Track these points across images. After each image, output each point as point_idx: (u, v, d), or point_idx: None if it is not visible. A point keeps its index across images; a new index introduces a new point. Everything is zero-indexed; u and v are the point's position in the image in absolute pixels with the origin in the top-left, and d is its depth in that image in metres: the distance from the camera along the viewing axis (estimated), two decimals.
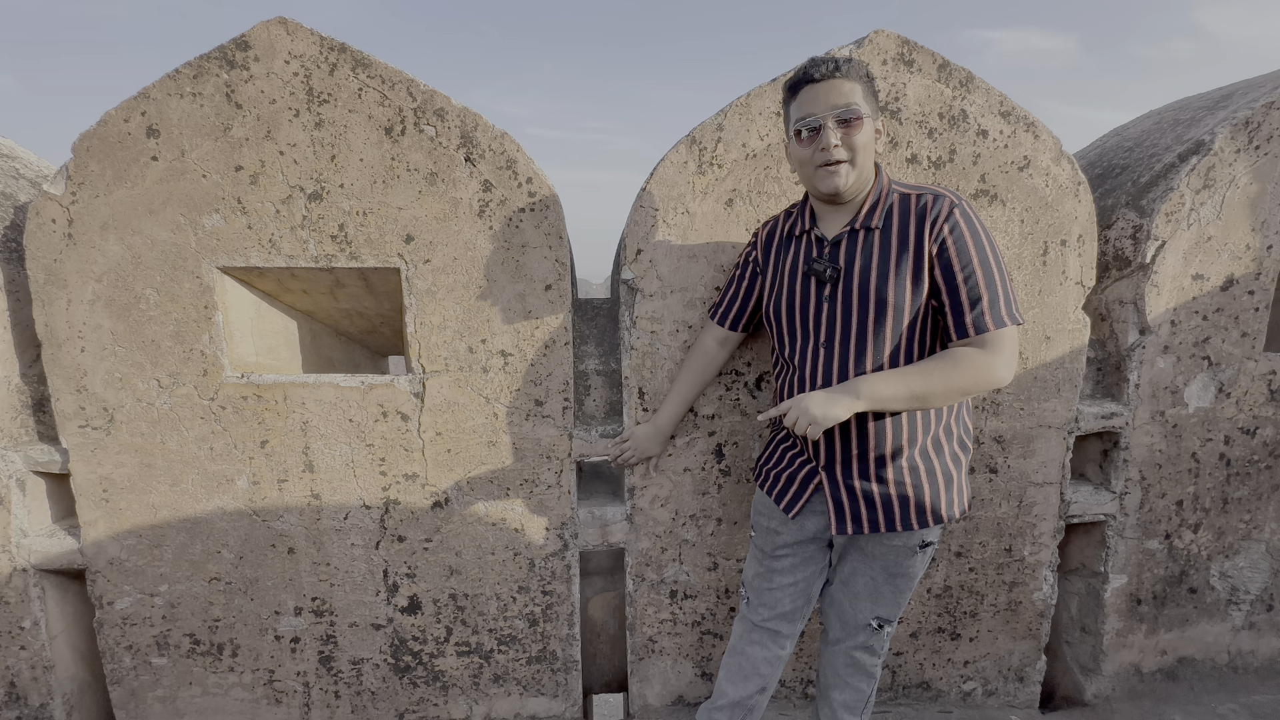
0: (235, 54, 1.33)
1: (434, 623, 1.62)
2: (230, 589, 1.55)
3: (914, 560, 1.22)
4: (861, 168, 1.11)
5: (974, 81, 1.45)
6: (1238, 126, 1.52)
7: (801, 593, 1.33)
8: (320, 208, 1.39)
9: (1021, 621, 1.74)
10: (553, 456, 1.55)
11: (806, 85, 1.09)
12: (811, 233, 1.20)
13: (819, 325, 1.17)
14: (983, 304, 1.06)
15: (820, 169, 1.11)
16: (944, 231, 1.07)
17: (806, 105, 1.09)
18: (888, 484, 1.16)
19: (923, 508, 1.17)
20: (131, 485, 1.47)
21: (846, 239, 1.15)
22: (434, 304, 1.45)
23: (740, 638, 1.39)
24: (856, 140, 1.08)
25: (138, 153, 1.34)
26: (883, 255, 1.11)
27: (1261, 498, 1.75)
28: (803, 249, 1.21)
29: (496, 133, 1.40)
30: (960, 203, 1.09)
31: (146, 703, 1.59)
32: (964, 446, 1.22)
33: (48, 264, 1.37)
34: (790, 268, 1.22)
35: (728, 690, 1.40)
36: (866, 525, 1.19)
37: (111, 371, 1.42)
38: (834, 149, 1.08)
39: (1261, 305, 1.62)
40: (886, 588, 1.25)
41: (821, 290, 1.17)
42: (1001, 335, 1.07)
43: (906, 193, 1.14)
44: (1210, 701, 1.77)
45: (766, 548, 1.33)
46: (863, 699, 1.38)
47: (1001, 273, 1.08)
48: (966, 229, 1.08)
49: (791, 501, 1.26)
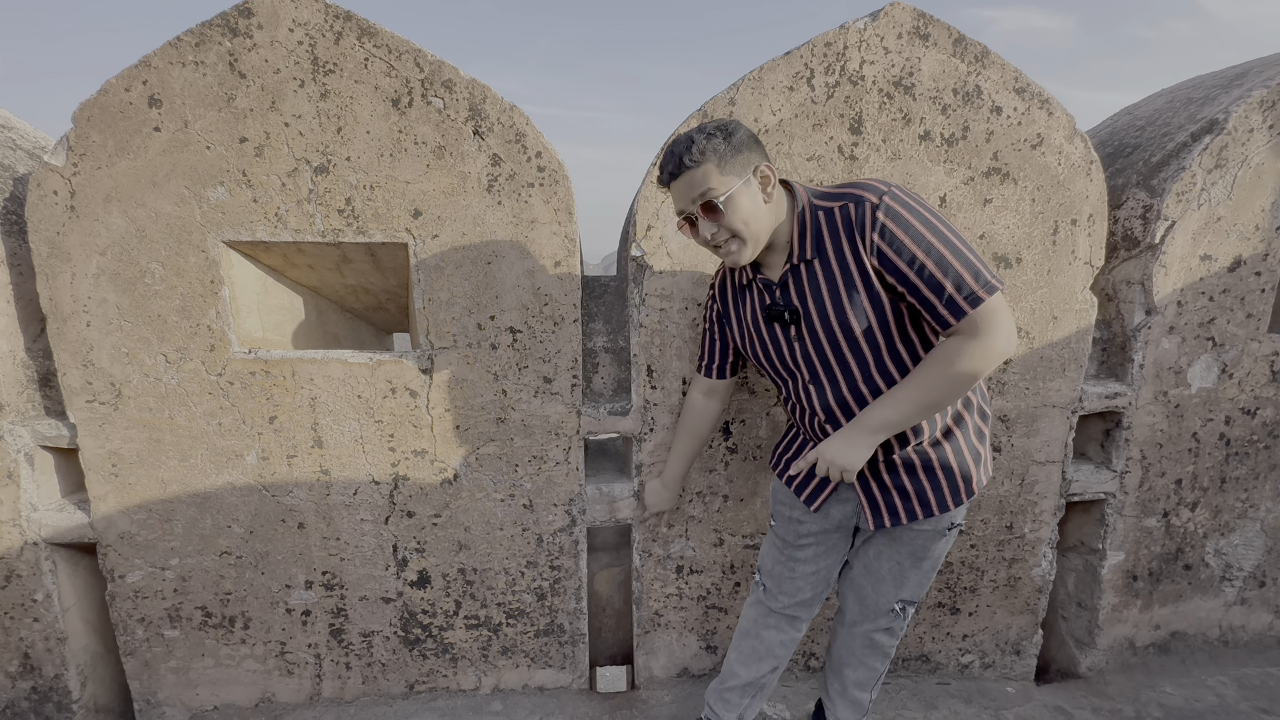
0: (238, 21, 1.30)
1: (443, 596, 1.64)
2: (241, 563, 1.56)
3: (942, 543, 1.22)
4: (755, 234, 1.06)
5: (989, 57, 1.43)
6: (1253, 105, 1.51)
7: (823, 580, 1.34)
8: (327, 181, 1.37)
9: (1020, 597, 1.77)
10: (561, 433, 1.55)
11: (669, 182, 1.07)
12: (756, 280, 1.18)
13: (798, 365, 1.17)
14: (947, 290, 0.98)
15: (717, 249, 1.10)
16: (875, 240, 1.00)
17: (675, 199, 1.09)
18: (916, 470, 1.15)
19: (955, 488, 1.16)
20: (140, 460, 1.47)
21: (791, 277, 1.12)
22: (442, 280, 1.44)
23: (755, 622, 1.40)
24: (730, 221, 1.04)
25: (140, 123, 1.32)
26: (829, 284, 1.07)
27: (1259, 477, 1.77)
28: (755, 296, 1.20)
29: (505, 105, 1.38)
30: (881, 199, 1.00)
31: (160, 674, 1.62)
32: (984, 415, 1.20)
33: (50, 237, 1.35)
34: (752, 316, 1.21)
35: (740, 671, 1.41)
36: (904, 515, 1.18)
37: (118, 346, 1.41)
38: (715, 236, 1.07)
39: (1268, 286, 1.63)
40: (913, 571, 1.25)
41: (788, 331, 1.15)
42: (984, 312, 0.97)
43: (829, 206, 1.06)
44: (1200, 674, 1.82)
45: (789, 537, 1.32)
46: (875, 676, 1.40)
47: (955, 248, 0.98)
48: (896, 225, 0.99)
49: (814, 494, 1.25)
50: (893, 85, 1.43)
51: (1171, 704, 1.70)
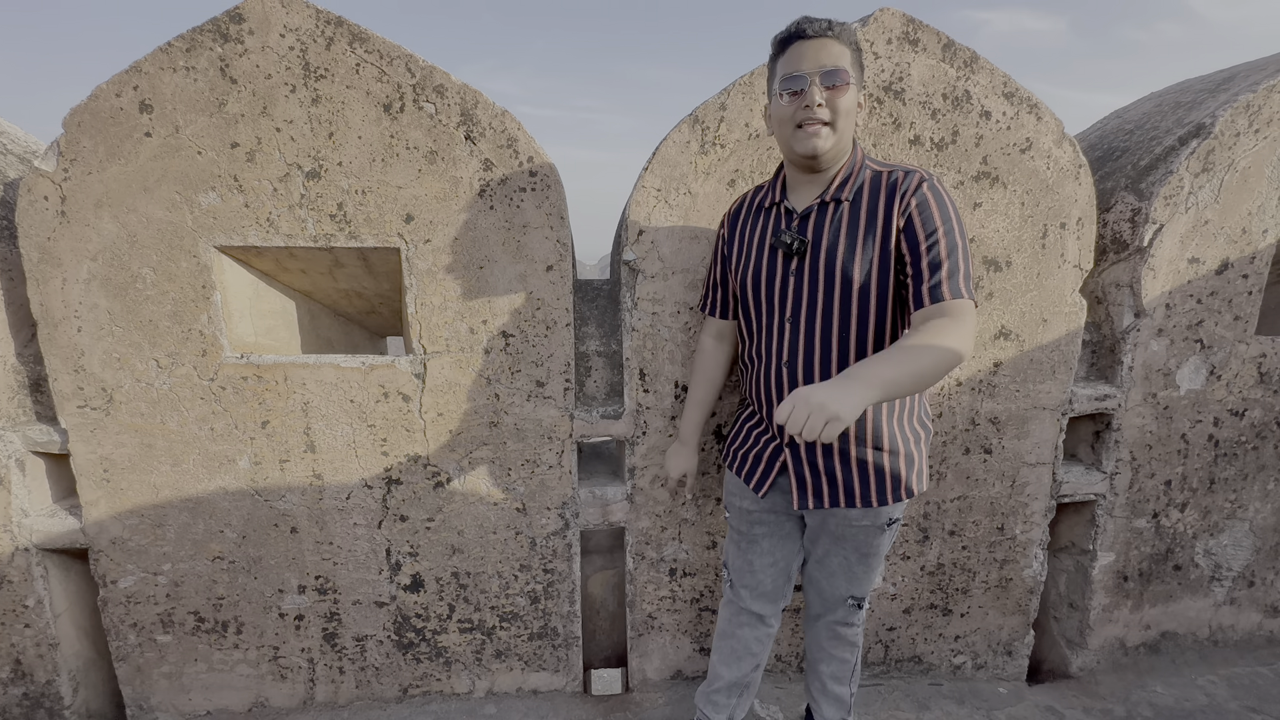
0: (229, 27, 1.30)
1: (437, 600, 1.64)
2: (234, 568, 1.56)
3: (882, 538, 1.25)
4: (841, 134, 1.07)
5: (978, 62, 1.44)
6: (1238, 110, 1.53)
7: (781, 571, 1.35)
8: (319, 186, 1.37)
9: (1011, 598, 1.78)
10: (554, 437, 1.56)
11: (797, 41, 1.06)
12: (782, 205, 1.18)
13: (784, 300, 1.16)
14: (943, 271, 1.02)
15: (799, 129, 1.07)
16: (911, 204, 1.05)
17: (794, 62, 1.06)
18: (850, 461, 1.17)
19: (883, 487, 1.18)
20: (132, 465, 1.47)
21: (816, 211, 1.13)
22: (435, 284, 1.44)
23: (728, 621, 1.42)
24: (840, 104, 1.05)
25: (131, 128, 1.32)
26: (850, 231, 1.10)
27: (1247, 478, 1.79)
28: (771, 221, 1.19)
29: (497, 110, 1.38)
30: (930, 178, 1.07)
31: (152, 679, 1.61)
32: (923, 424, 1.23)
33: (41, 242, 1.35)
34: (759, 240, 1.20)
35: (723, 673, 1.43)
36: (827, 499, 1.20)
37: (109, 351, 1.41)
38: (817, 109, 1.04)
39: (1255, 289, 1.64)
40: (860, 567, 1.28)
41: (788, 264, 1.15)
42: (963, 306, 1.01)
43: (879, 170, 1.12)
44: (1191, 674, 1.83)
45: (743, 528, 1.34)
46: (849, 669, 1.42)
47: (964, 249, 1.04)
48: (934, 200, 1.05)
49: (760, 480, 1.27)
50: (883, 90, 1.43)
51: (1162, 703, 1.71)
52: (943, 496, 1.68)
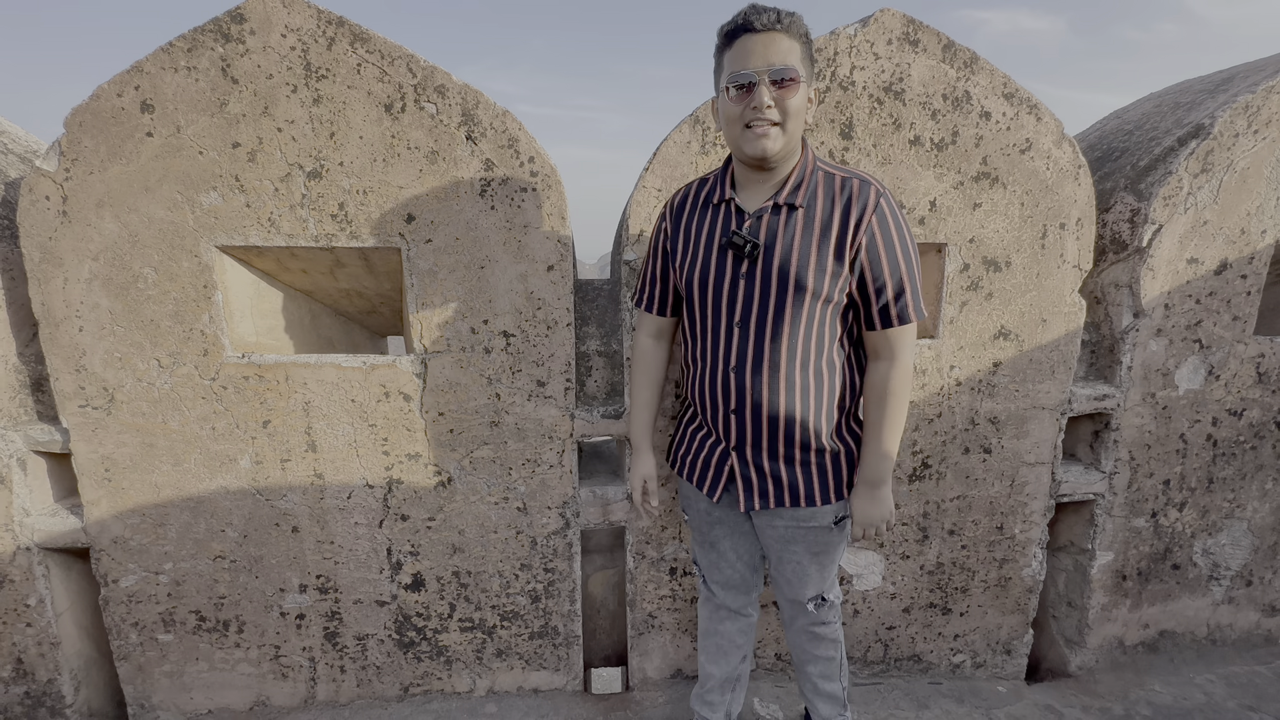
0: (230, 27, 1.30)
1: (437, 599, 1.64)
2: (235, 567, 1.56)
3: (832, 536, 1.25)
4: (791, 134, 1.05)
5: (978, 63, 1.45)
6: (1237, 111, 1.53)
7: (747, 565, 1.36)
8: (320, 186, 1.37)
9: (1010, 597, 1.79)
10: (555, 437, 1.56)
11: (745, 34, 1.01)
12: (732, 202, 1.14)
13: (733, 303, 1.13)
14: (906, 296, 1.10)
15: (748, 129, 1.04)
16: (872, 223, 1.06)
17: (742, 58, 1.02)
18: (794, 464, 1.18)
19: (825, 485, 1.19)
20: (134, 465, 1.47)
21: (769, 213, 1.10)
22: (435, 284, 1.44)
23: (708, 618, 1.43)
24: (790, 104, 1.02)
25: (132, 128, 1.32)
26: (805, 236, 1.08)
27: (1245, 477, 1.79)
28: (720, 218, 1.15)
29: (498, 111, 1.38)
30: (885, 192, 1.08)
31: (154, 678, 1.62)
32: (858, 420, 1.26)
33: (42, 242, 1.35)
34: (707, 237, 1.16)
35: (712, 671, 1.45)
36: (773, 500, 1.20)
37: (111, 351, 1.41)
38: (766, 109, 1.01)
39: (1253, 289, 1.65)
40: (813, 567, 1.28)
41: (738, 266, 1.12)
42: (906, 331, 1.12)
43: (831, 173, 1.10)
44: (1189, 672, 1.84)
45: (703, 528, 1.35)
46: (835, 666, 1.42)
47: (917, 267, 1.12)
48: (893, 221, 1.08)
49: (712, 486, 1.27)
50: (883, 90, 1.44)
51: (1160, 702, 1.72)
52: (942, 496, 1.68)
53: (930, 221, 1.51)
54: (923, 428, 1.63)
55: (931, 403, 1.61)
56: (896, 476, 1.65)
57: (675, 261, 1.22)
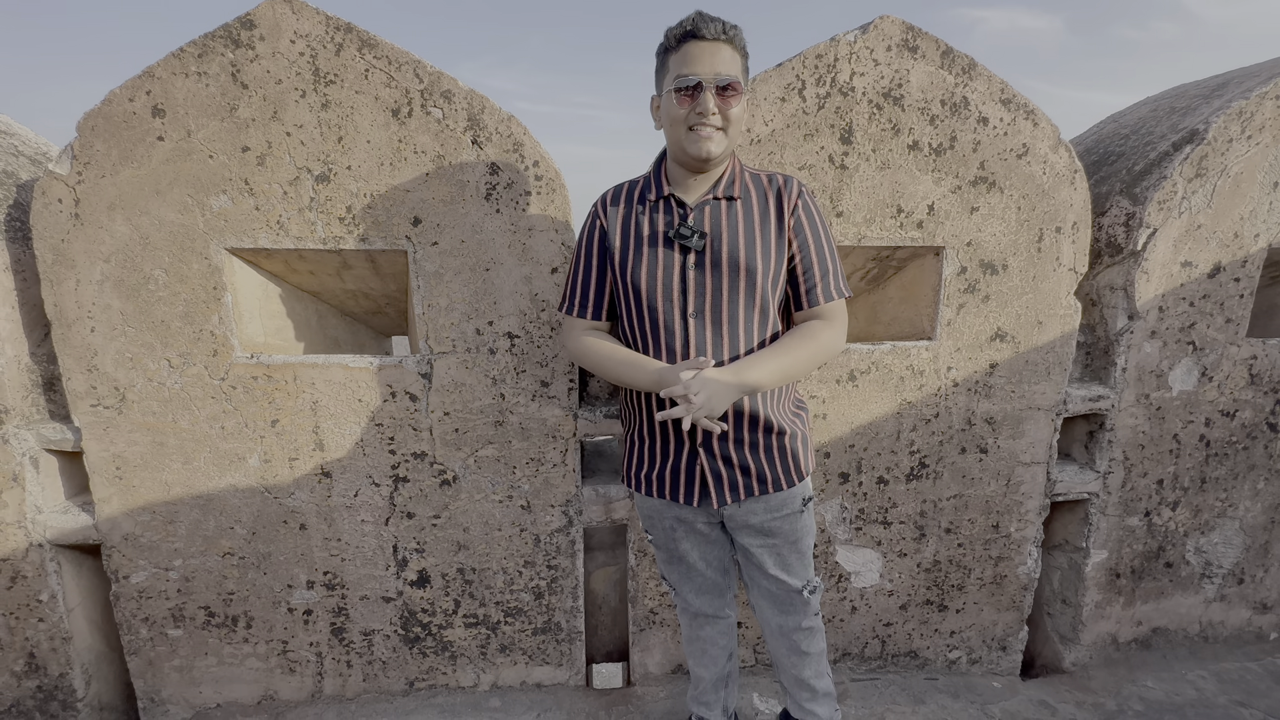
0: (240, 33, 1.32)
1: (442, 595, 1.67)
2: (244, 563, 1.59)
3: (804, 519, 1.26)
4: (731, 139, 1.12)
5: (976, 69, 1.47)
6: (1231, 116, 1.55)
7: (717, 570, 1.35)
8: (328, 189, 1.40)
9: (1006, 594, 1.81)
10: (558, 436, 1.58)
11: (692, 40, 1.07)
12: (672, 197, 1.16)
13: (684, 295, 1.14)
14: (830, 277, 1.18)
15: (691, 131, 1.09)
16: (799, 210, 1.16)
17: (688, 63, 1.07)
18: (759, 449, 1.19)
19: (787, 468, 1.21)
20: (144, 463, 1.50)
21: (710, 206, 1.15)
22: (441, 286, 1.47)
23: (688, 626, 1.43)
24: (732, 112, 1.09)
25: (144, 132, 1.34)
26: (748, 224, 1.15)
27: (1237, 477, 1.82)
28: (661, 214, 1.17)
29: (503, 115, 1.40)
30: (804, 187, 1.19)
31: (164, 672, 1.64)
32: (799, 404, 1.29)
33: (55, 244, 1.37)
34: (649, 234, 1.17)
35: (702, 674, 1.46)
36: (743, 490, 1.20)
37: (122, 351, 1.44)
38: (711, 115, 1.08)
39: (1246, 292, 1.67)
40: (793, 555, 1.27)
41: (686, 257, 1.14)
42: (840, 306, 1.19)
43: (757, 173, 1.20)
44: (1181, 669, 1.87)
45: (669, 545, 1.32)
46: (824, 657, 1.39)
47: (833, 250, 1.20)
48: (815, 209, 1.18)
49: (687, 491, 1.22)
50: (882, 96, 1.46)
51: (1152, 698, 1.75)
52: (939, 495, 1.71)
53: (928, 225, 1.53)
54: (920, 428, 1.65)
55: (929, 403, 1.64)
56: (895, 476, 1.68)
57: (615, 260, 1.20)
